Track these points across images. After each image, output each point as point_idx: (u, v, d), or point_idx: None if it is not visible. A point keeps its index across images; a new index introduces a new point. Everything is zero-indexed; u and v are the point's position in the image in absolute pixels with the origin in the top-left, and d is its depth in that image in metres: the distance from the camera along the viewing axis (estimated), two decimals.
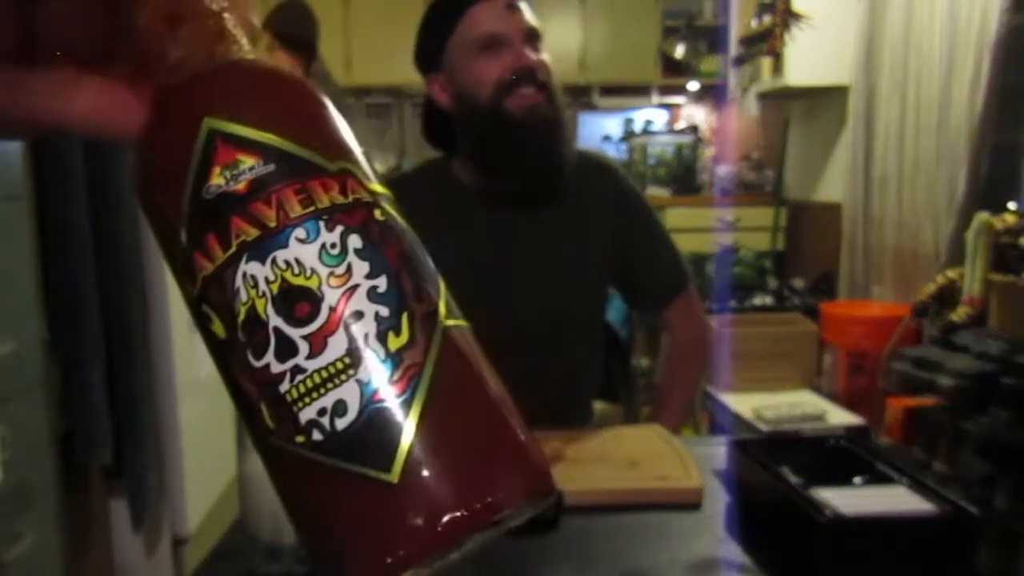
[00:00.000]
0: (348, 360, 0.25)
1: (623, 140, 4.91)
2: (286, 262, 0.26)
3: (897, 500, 0.80)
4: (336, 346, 0.25)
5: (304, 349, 0.25)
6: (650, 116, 5.03)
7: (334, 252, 0.26)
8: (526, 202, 1.33)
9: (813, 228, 4.16)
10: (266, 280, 0.26)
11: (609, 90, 4.94)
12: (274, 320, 0.26)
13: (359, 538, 0.25)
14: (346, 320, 0.26)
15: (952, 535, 0.76)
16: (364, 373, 0.25)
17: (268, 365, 0.25)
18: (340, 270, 0.26)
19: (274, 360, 0.25)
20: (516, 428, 0.27)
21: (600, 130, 5.03)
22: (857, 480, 0.87)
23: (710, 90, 4.96)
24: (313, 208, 0.26)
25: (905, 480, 0.83)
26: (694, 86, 4.96)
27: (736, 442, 0.96)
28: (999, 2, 2.58)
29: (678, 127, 4.99)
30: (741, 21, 4.04)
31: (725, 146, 4.82)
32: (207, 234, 0.26)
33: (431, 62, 1.31)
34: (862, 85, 3.39)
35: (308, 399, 0.25)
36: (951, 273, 2.54)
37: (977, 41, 2.66)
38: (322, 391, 0.25)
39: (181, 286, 0.28)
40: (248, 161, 0.27)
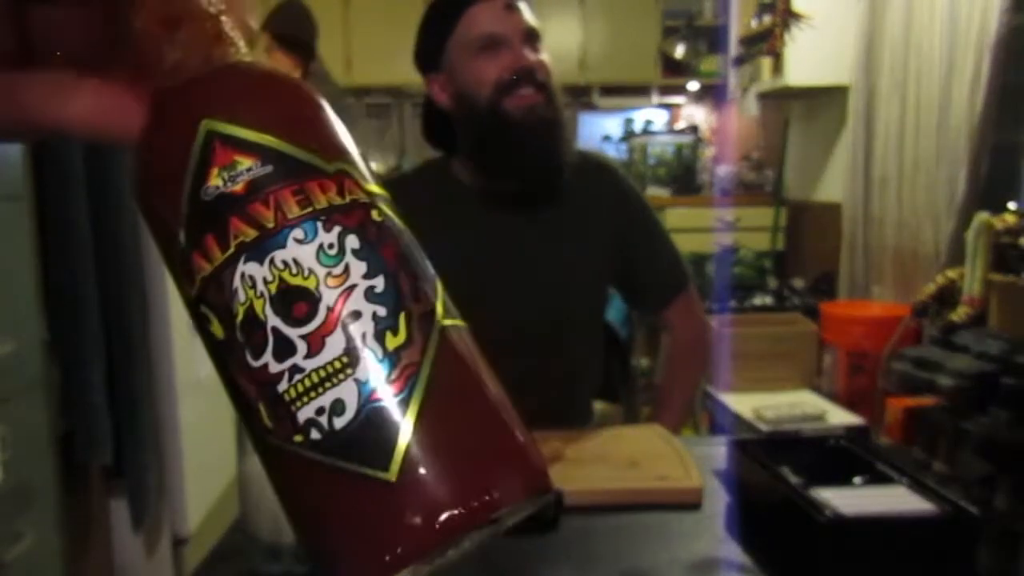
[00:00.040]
0: (346, 359, 0.25)
1: (623, 140, 4.91)
2: (284, 262, 0.26)
3: (897, 500, 0.80)
4: (334, 346, 0.25)
5: (302, 349, 0.25)
6: (650, 116, 5.04)
7: (332, 252, 0.26)
8: (526, 202, 1.33)
9: (813, 228, 4.16)
10: (264, 280, 0.26)
11: (609, 90, 4.94)
12: (272, 320, 0.26)
13: (357, 536, 0.25)
14: (344, 320, 0.26)
15: (952, 535, 0.76)
16: (362, 372, 0.25)
17: (266, 365, 0.26)
18: (338, 270, 0.26)
19: (272, 360, 0.26)
20: (514, 427, 0.27)
21: (600, 130, 5.03)
22: (857, 480, 0.87)
23: (710, 90, 4.96)
24: (311, 209, 0.27)
25: (905, 480, 0.83)
26: (694, 86, 4.96)
27: (736, 442, 0.96)
28: (999, 2, 2.58)
29: (678, 127, 5.00)
30: (741, 21, 4.05)
31: (725, 146, 4.82)
32: (205, 235, 0.27)
33: (431, 62, 1.31)
34: (862, 85, 3.39)
35: (306, 398, 0.25)
36: (951, 273, 2.54)
37: (977, 41, 2.66)
38: (320, 390, 0.25)
39: (179, 287, 0.28)
40: (246, 162, 0.27)
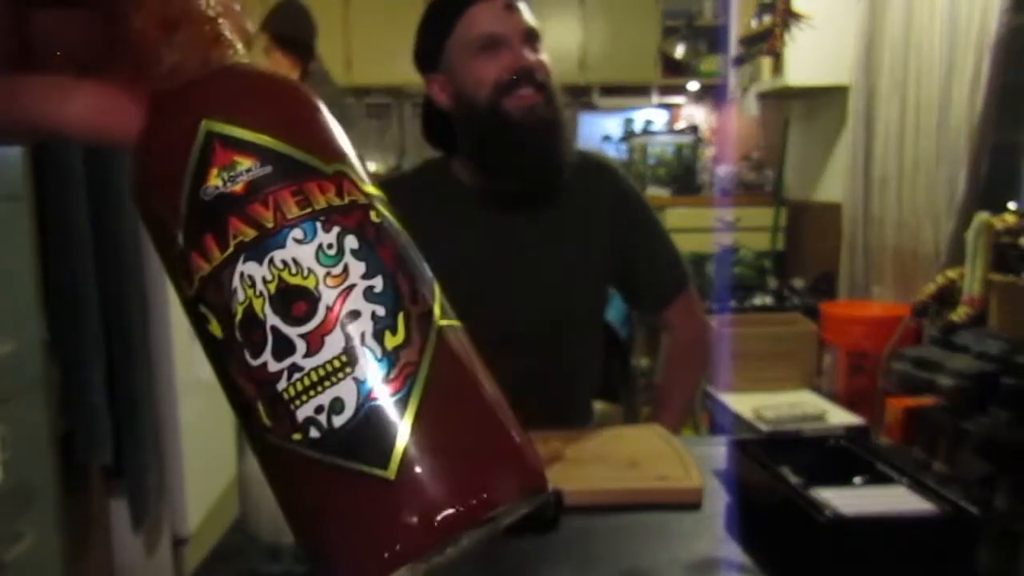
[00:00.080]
0: (345, 358, 0.25)
1: (623, 140, 4.91)
2: (283, 262, 0.26)
3: (897, 500, 0.80)
4: (333, 345, 0.25)
5: (301, 348, 0.25)
6: (650, 116, 5.04)
7: (331, 252, 0.26)
8: (526, 202, 1.33)
9: (813, 228, 4.16)
10: (263, 280, 0.26)
11: (609, 90, 4.94)
12: (271, 319, 0.26)
13: (355, 534, 0.25)
14: (343, 319, 0.26)
15: (952, 535, 0.76)
16: (361, 371, 0.25)
17: (265, 364, 0.26)
18: (337, 270, 0.26)
19: (271, 359, 0.26)
20: (510, 427, 0.27)
21: (600, 130, 5.03)
22: (857, 480, 0.87)
23: (710, 90, 4.96)
24: (310, 209, 0.27)
25: (905, 480, 0.83)
26: (694, 86, 4.96)
27: (736, 442, 0.96)
28: (999, 2, 2.58)
29: (678, 127, 5.00)
30: (741, 21, 4.05)
31: (725, 146, 4.82)
32: (204, 235, 0.27)
33: (430, 62, 1.31)
34: (862, 85, 3.39)
35: (305, 397, 0.25)
36: (951, 273, 2.54)
37: (977, 41, 2.66)
38: (319, 389, 0.25)
39: (177, 288, 0.28)
40: (245, 163, 0.27)
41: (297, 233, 0.26)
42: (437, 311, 0.28)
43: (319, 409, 0.25)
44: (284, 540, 0.78)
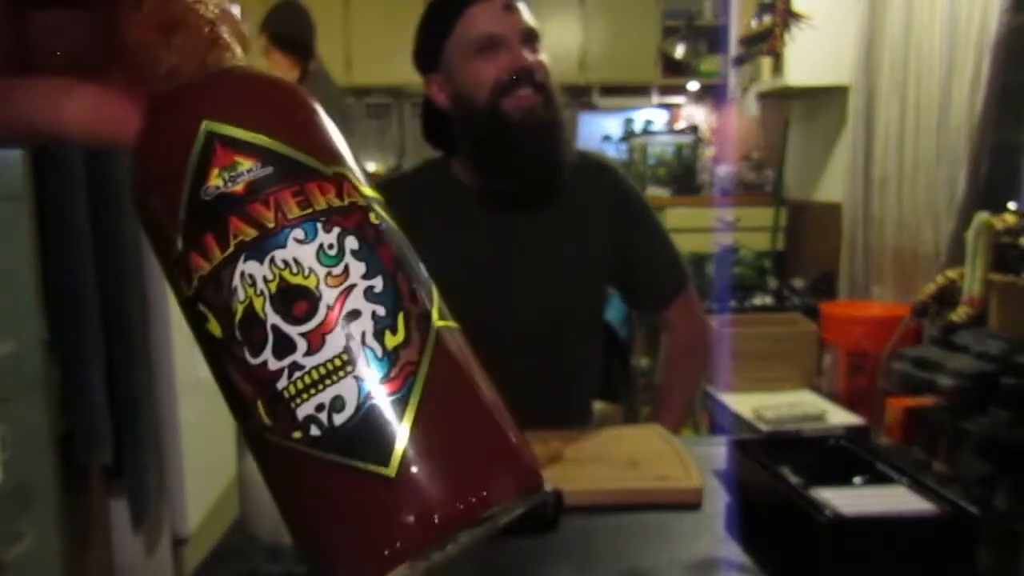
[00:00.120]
0: (346, 357, 0.26)
1: (623, 140, 4.91)
2: (284, 262, 0.26)
3: (897, 500, 0.80)
4: (334, 343, 0.26)
5: (302, 346, 0.26)
6: (650, 116, 5.04)
7: (331, 253, 0.27)
8: (525, 202, 1.33)
9: (813, 228, 4.16)
10: (264, 279, 0.26)
11: (609, 90, 4.94)
12: (272, 318, 0.26)
13: (355, 532, 0.25)
14: (344, 318, 0.26)
15: (952, 535, 0.76)
16: (361, 370, 0.26)
17: (265, 362, 0.26)
18: (337, 270, 0.26)
19: (272, 357, 0.26)
20: (507, 427, 0.28)
21: (600, 130, 5.03)
22: (857, 480, 0.87)
23: (710, 90, 4.96)
24: (311, 210, 0.27)
25: (905, 480, 0.83)
26: (694, 86, 4.96)
27: (736, 442, 0.96)
28: (999, 2, 2.58)
29: (678, 127, 5.00)
30: (741, 21, 4.05)
31: (725, 146, 4.82)
32: (205, 234, 0.27)
33: (429, 62, 1.31)
34: (862, 85, 3.39)
35: (306, 395, 0.25)
36: (951, 273, 2.54)
37: (977, 41, 2.66)
38: (320, 387, 0.25)
39: (175, 287, 0.28)
40: (246, 163, 0.27)
41: (298, 233, 0.26)
42: (435, 312, 0.28)
43: (320, 407, 0.25)
44: (284, 540, 0.78)
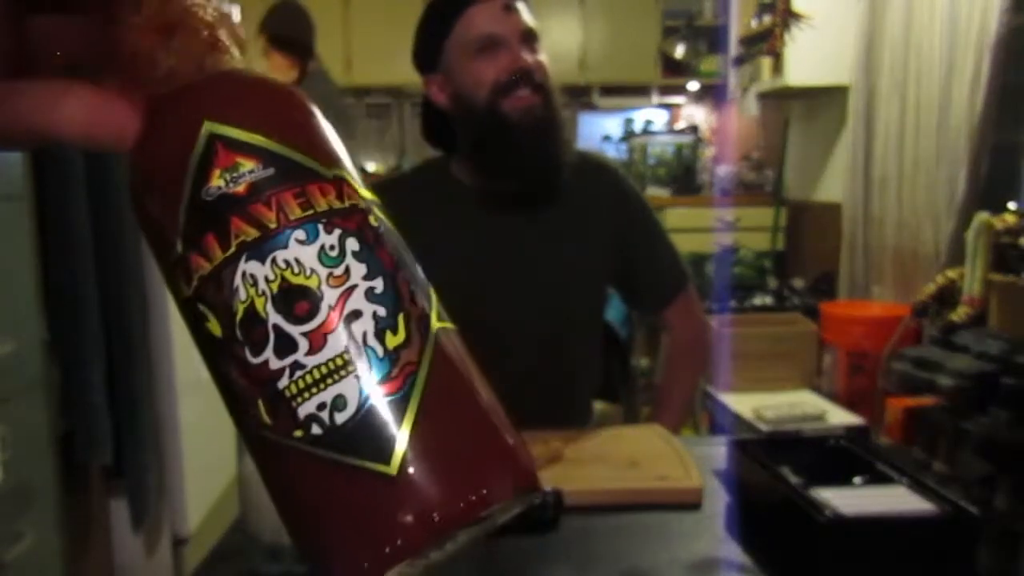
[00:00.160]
0: (347, 357, 0.26)
1: (623, 140, 4.91)
2: (286, 262, 0.26)
3: (897, 500, 0.80)
4: (335, 343, 0.26)
5: (304, 346, 0.26)
6: (650, 116, 5.04)
7: (333, 254, 0.27)
8: (525, 202, 1.33)
9: (813, 228, 4.16)
10: (266, 279, 0.26)
11: (609, 90, 4.94)
12: (274, 318, 0.26)
13: (355, 530, 0.25)
14: (345, 318, 0.26)
15: (952, 535, 0.76)
16: (363, 369, 0.26)
17: (267, 361, 0.26)
18: (339, 271, 0.27)
19: (273, 356, 0.26)
20: (504, 427, 0.28)
21: (600, 130, 5.03)
22: (857, 480, 0.87)
23: (710, 90, 4.96)
24: (312, 211, 0.27)
25: (905, 480, 0.84)
26: (694, 86, 4.96)
27: (736, 442, 0.96)
28: (999, 2, 2.58)
29: (678, 127, 5.00)
30: (741, 21, 4.05)
31: (725, 146, 4.82)
32: (206, 234, 0.27)
33: (429, 62, 1.31)
34: (862, 85, 3.39)
35: (308, 394, 0.25)
36: (951, 273, 2.54)
37: (977, 41, 2.66)
38: (322, 386, 0.25)
39: (174, 288, 0.28)
40: (248, 165, 0.27)
41: (299, 234, 0.27)
42: (433, 314, 0.28)
43: (321, 406, 0.25)
44: (284, 540, 0.78)
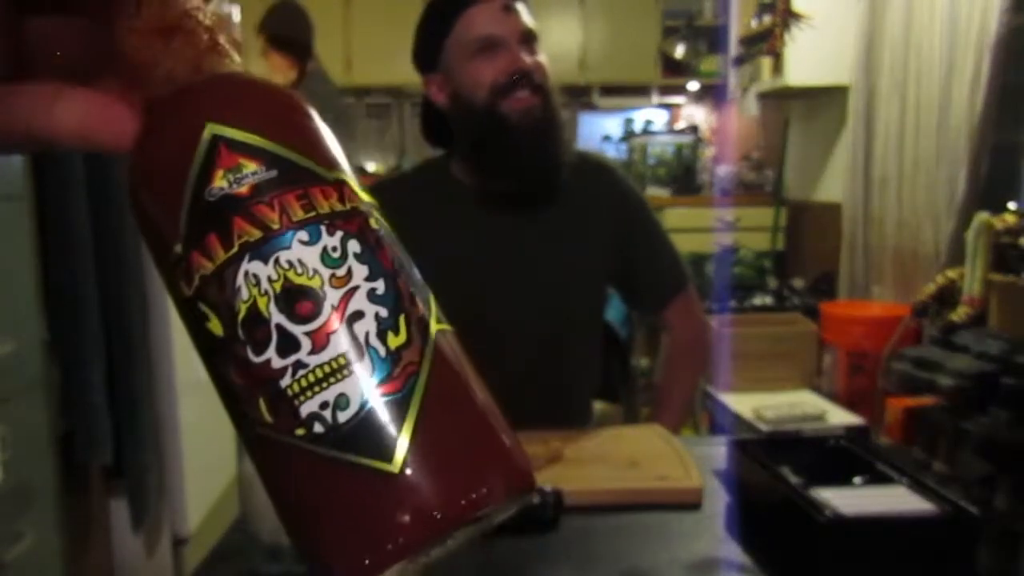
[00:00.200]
0: (350, 356, 0.26)
1: (623, 140, 4.91)
2: (289, 262, 0.27)
3: (897, 500, 0.80)
4: (338, 343, 0.26)
5: (306, 345, 0.26)
6: (650, 116, 5.04)
7: (335, 255, 0.27)
8: (525, 202, 1.33)
9: (813, 228, 4.16)
10: (269, 279, 0.26)
11: (609, 90, 4.94)
12: (276, 317, 0.26)
13: (355, 528, 0.25)
14: (348, 319, 0.26)
15: (952, 535, 0.76)
16: (365, 369, 0.26)
17: (269, 360, 0.26)
18: (341, 272, 0.27)
19: (275, 355, 0.26)
20: (501, 428, 0.28)
21: (600, 130, 5.03)
22: (857, 480, 0.87)
23: (710, 90, 4.96)
24: (314, 213, 0.27)
25: (905, 480, 0.84)
26: (694, 86, 4.96)
27: (736, 442, 0.97)
28: (999, 2, 2.58)
29: (678, 127, 5.00)
30: (741, 21, 4.05)
31: (725, 146, 4.82)
32: (208, 234, 0.27)
33: (428, 62, 1.31)
34: (862, 85, 3.39)
35: (310, 392, 0.26)
36: (951, 273, 2.54)
37: (977, 41, 2.66)
38: (324, 385, 0.26)
39: (173, 288, 0.28)
40: (251, 166, 0.28)
41: (302, 235, 0.27)
42: (432, 316, 0.29)
43: (324, 405, 0.26)
44: (284, 540, 0.77)
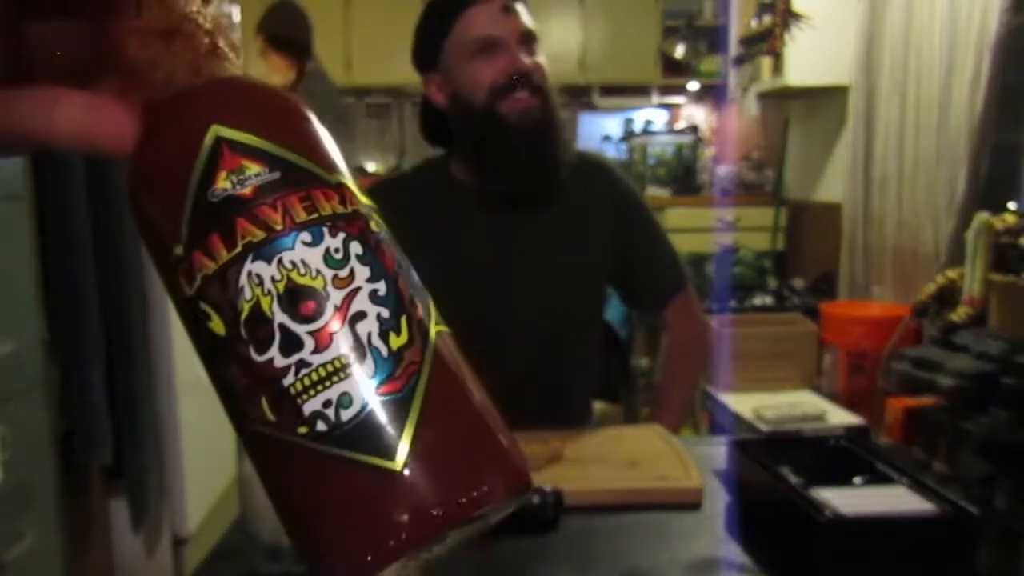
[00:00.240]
0: (353, 356, 0.26)
1: (623, 140, 4.91)
2: (292, 263, 0.27)
3: (897, 500, 0.80)
4: (341, 342, 0.26)
5: (310, 344, 0.26)
6: (650, 116, 5.04)
7: (337, 256, 0.27)
8: (524, 203, 1.33)
9: (813, 228, 4.16)
10: (272, 279, 0.27)
11: (609, 90, 4.94)
12: (280, 317, 0.27)
13: (355, 527, 0.26)
14: (350, 319, 0.27)
15: (952, 535, 0.76)
16: (368, 368, 0.26)
17: (272, 359, 0.26)
18: (343, 273, 0.27)
19: (278, 355, 0.26)
20: (498, 428, 0.29)
21: (600, 130, 5.03)
22: (857, 480, 0.87)
23: (710, 90, 4.96)
24: (317, 215, 0.28)
25: (905, 480, 0.84)
26: (694, 86, 4.96)
27: (736, 442, 0.97)
28: (999, 2, 2.58)
29: (678, 127, 5.00)
30: (741, 21, 4.05)
31: (725, 146, 4.82)
32: (211, 234, 0.27)
33: (428, 62, 1.31)
34: (862, 85, 3.39)
35: (313, 391, 0.26)
36: (951, 273, 2.54)
37: (977, 41, 2.67)
38: (327, 384, 0.26)
39: (173, 288, 0.28)
40: (254, 168, 0.28)
41: (305, 236, 0.27)
42: (431, 317, 0.29)
43: (327, 403, 0.26)
44: (284, 540, 0.77)
